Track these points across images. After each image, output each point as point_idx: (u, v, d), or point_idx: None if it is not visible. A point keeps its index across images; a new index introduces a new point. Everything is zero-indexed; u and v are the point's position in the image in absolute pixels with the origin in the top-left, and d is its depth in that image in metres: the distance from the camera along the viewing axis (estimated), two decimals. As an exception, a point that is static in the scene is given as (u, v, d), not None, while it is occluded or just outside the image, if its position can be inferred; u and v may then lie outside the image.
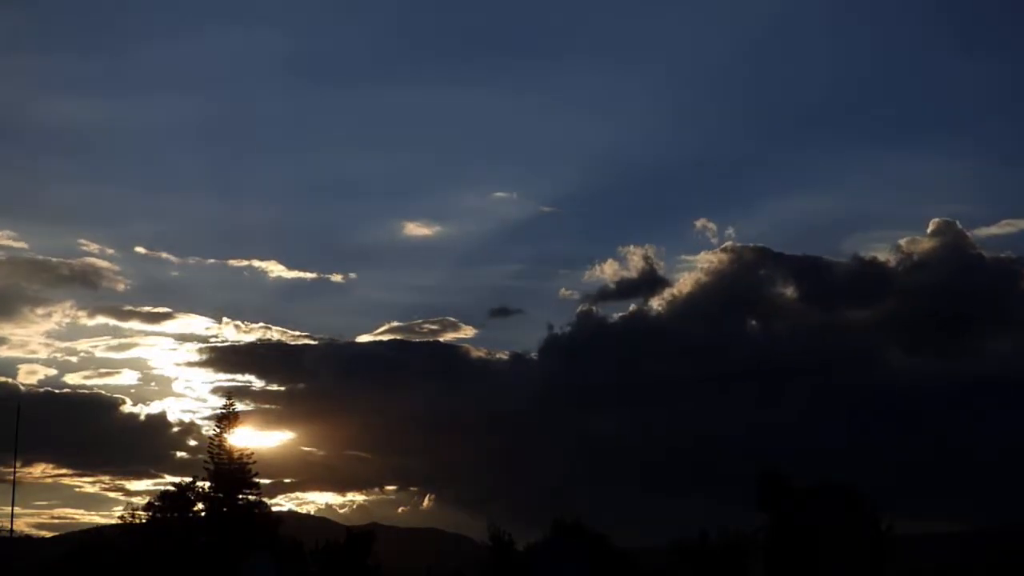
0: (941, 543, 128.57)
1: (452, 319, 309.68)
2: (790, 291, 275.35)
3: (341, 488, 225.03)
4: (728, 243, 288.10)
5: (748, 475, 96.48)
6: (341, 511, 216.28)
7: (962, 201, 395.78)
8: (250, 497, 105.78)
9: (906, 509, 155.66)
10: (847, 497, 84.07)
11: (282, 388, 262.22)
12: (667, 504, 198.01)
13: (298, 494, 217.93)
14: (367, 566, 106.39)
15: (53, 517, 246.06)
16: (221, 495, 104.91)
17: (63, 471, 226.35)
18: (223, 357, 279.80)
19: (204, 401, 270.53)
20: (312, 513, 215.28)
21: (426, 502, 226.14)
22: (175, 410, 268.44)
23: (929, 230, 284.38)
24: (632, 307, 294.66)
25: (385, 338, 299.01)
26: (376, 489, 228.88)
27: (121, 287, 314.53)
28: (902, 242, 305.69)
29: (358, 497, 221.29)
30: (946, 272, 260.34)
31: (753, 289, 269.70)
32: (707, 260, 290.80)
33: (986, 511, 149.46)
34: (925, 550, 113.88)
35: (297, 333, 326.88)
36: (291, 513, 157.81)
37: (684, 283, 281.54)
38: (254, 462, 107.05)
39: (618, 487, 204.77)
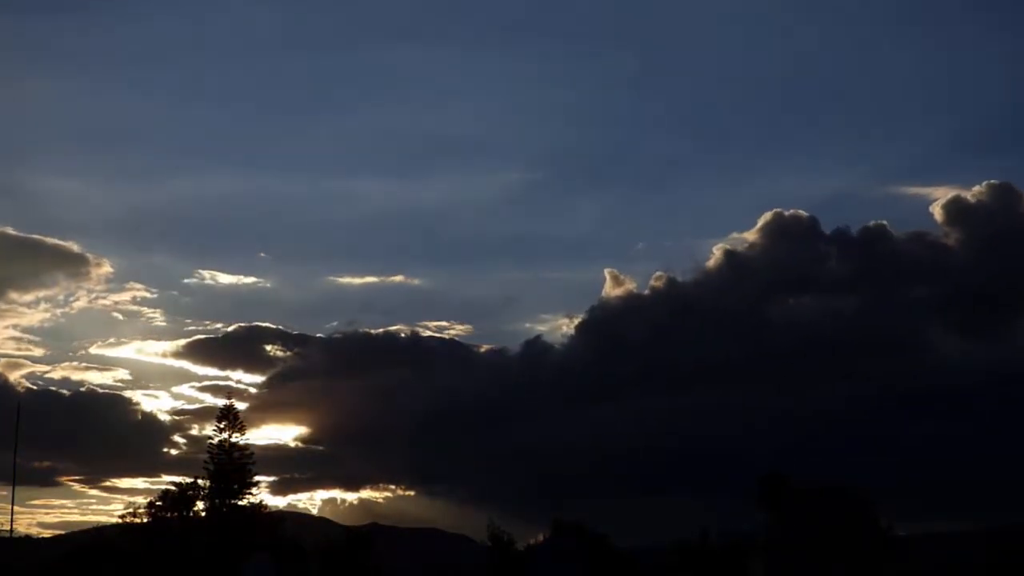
0: (941, 543, 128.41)
1: (461, 310, 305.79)
2: (825, 268, 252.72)
3: (341, 486, 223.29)
4: (764, 217, 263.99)
5: (753, 474, 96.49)
6: (341, 511, 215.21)
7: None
8: (250, 497, 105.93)
9: (910, 508, 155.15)
10: (847, 497, 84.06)
11: (281, 383, 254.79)
12: (669, 504, 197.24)
13: (298, 492, 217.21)
14: (367, 566, 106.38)
15: (53, 517, 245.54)
16: (221, 495, 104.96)
17: (61, 469, 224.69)
18: (221, 351, 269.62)
19: (200, 398, 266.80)
20: (312, 513, 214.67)
21: (426, 502, 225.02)
22: (172, 406, 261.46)
23: (977, 193, 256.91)
24: (656, 288, 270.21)
25: (388, 331, 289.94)
26: (376, 488, 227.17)
27: (113, 277, 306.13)
28: (937, 211, 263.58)
29: (358, 495, 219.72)
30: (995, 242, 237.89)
31: (785, 267, 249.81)
32: (738, 239, 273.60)
33: (990, 510, 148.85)
34: (925, 550, 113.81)
35: (299, 326, 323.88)
36: (291, 513, 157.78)
37: (711, 265, 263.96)
38: (254, 462, 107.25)
39: (620, 485, 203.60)
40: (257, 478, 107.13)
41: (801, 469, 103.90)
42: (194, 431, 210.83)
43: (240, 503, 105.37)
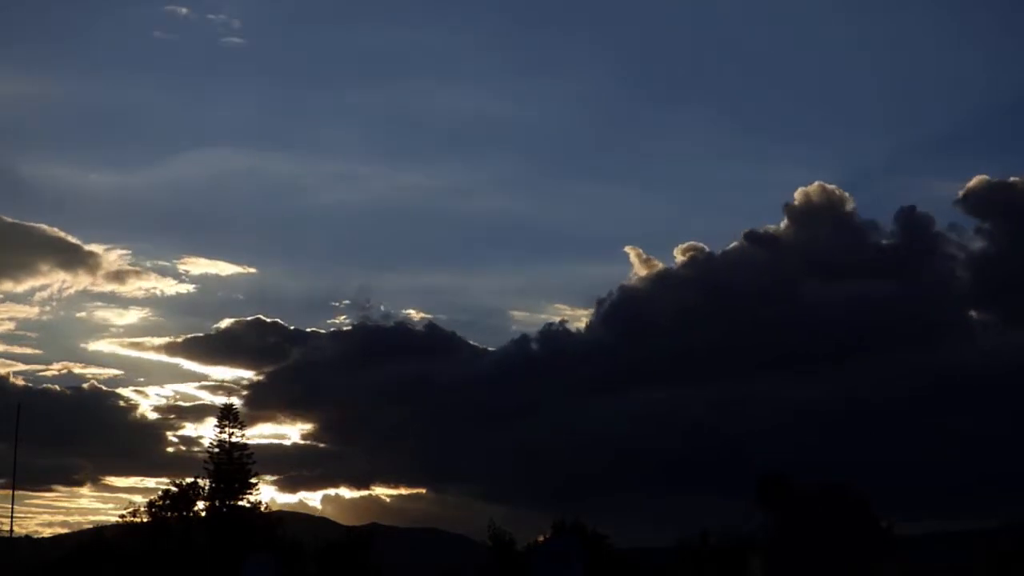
0: (941, 543, 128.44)
1: (474, 302, 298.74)
2: (857, 253, 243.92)
3: (343, 485, 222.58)
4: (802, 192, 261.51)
5: (753, 474, 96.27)
6: (343, 510, 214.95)
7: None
8: (250, 497, 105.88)
9: (910, 508, 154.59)
10: (847, 497, 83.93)
11: (284, 379, 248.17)
12: (669, 503, 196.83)
13: (299, 491, 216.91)
14: (367, 566, 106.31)
15: (53, 517, 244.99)
16: (221, 495, 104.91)
17: (59, 468, 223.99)
18: (222, 345, 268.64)
19: (199, 396, 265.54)
20: (313, 512, 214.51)
21: (429, 501, 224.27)
22: (172, 404, 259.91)
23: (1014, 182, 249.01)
24: (679, 271, 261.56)
25: (398, 324, 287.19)
26: (380, 486, 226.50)
27: (109, 268, 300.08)
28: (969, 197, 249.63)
29: (360, 494, 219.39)
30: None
31: (814, 253, 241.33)
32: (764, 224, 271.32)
33: (992, 509, 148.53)
34: (926, 550, 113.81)
35: (304, 319, 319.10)
36: (292, 512, 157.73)
37: (737, 249, 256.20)
38: (254, 461, 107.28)
39: (620, 485, 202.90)
40: (258, 477, 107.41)
41: (804, 468, 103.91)
42: (194, 429, 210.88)
43: (240, 503, 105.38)
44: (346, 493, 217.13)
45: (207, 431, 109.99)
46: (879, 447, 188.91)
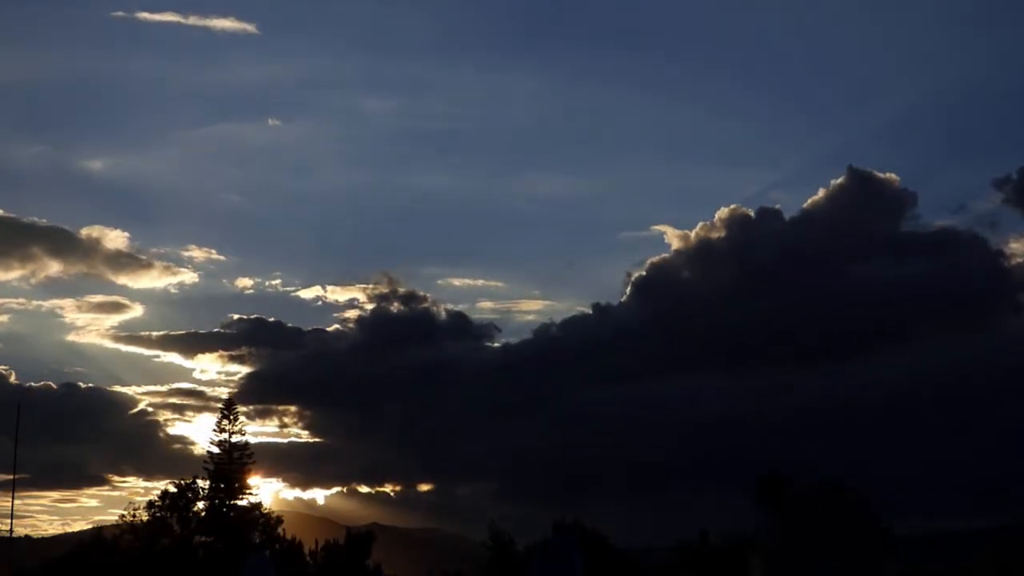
0: (942, 543, 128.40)
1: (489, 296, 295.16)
2: (898, 232, 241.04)
3: (342, 484, 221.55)
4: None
5: (754, 473, 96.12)
6: (342, 510, 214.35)
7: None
8: (250, 497, 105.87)
9: (910, 508, 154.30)
10: (847, 497, 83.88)
11: (285, 376, 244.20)
12: (669, 503, 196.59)
13: (298, 490, 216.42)
14: (367, 566, 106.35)
15: (54, 517, 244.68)
16: (221, 495, 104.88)
17: (60, 468, 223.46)
18: (223, 343, 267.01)
19: (200, 391, 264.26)
20: (313, 512, 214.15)
21: (429, 500, 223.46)
22: (172, 402, 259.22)
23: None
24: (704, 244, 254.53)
25: (404, 317, 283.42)
26: (379, 485, 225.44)
27: (106, 262, 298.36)
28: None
29: (359, 492, 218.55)
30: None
31: (854, 232, 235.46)
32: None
33: (991, 510, 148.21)
34: (926, 550, 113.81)
35: (307, 315, 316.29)
36: (292, 512, 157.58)
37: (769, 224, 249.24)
38: (254, 461, 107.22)
39: (623, 482, 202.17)
40: (257, 477, 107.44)
41: (804, 467, 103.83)
42: (194, 426, 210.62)
43: (240, 503, 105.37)
44: (347, 492, 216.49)
45: (207, 429, 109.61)
46: (884, 446, 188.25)
